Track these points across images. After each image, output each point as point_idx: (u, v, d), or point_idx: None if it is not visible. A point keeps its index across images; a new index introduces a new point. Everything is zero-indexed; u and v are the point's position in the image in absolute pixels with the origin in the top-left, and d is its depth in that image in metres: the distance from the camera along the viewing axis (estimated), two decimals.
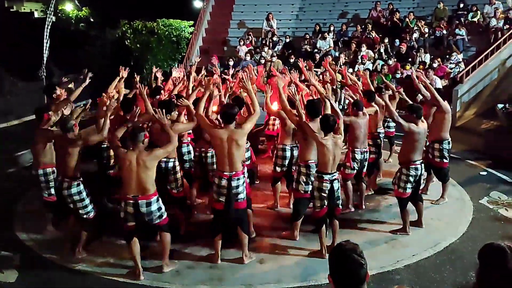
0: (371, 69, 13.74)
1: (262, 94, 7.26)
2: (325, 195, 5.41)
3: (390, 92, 8.32)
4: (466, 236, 6.04)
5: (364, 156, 6.75)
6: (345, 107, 10.20)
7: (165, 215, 5.13)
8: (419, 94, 7.09)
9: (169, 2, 22.78)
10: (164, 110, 5.38)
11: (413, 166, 6.02)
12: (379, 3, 16.31)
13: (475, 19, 14.58)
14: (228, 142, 5.11)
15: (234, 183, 5.17)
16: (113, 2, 21.50)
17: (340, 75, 13.48)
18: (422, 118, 6.12)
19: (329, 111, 5.77)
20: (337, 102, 13.30)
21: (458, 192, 7.52)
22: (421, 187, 6.56)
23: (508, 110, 11.26)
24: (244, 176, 5.34)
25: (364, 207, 6.95)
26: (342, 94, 13.24)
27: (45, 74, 14.02)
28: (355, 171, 6.76)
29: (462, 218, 6.56)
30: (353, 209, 6.85)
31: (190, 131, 6.71)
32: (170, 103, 6.05)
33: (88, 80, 7.55)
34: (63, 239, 5.84)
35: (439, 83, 12.10)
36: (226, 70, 9.87)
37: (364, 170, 6.93)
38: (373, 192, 7.56)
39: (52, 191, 5.97)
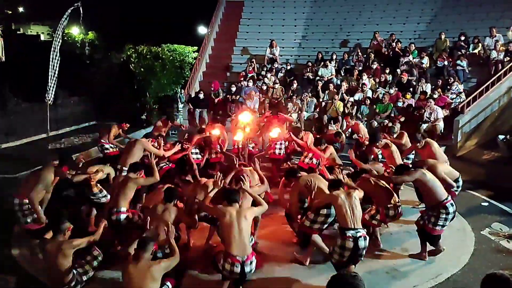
0: (371, 97, 13.85)
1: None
2: (347, 253, 5.21)
3: (383, 143, 8.37)
4: (468, 268, 5.98)
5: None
6: None
7: None
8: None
9: (174, 27, 23.21)
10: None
11: (447, 204, 6.03)
12: (378, 32, 16.54)
13: (476, 51, 14.77)
14: (237, 216, 5.03)
15: (247, 268, 4.92)
16: (118, 26, 21.88)
17: (341, 104, 13.66)
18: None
19: None
20: (339, 129, 13.43)
21: (460, 222, 7.45)
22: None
23: (510, 141, 11.28)
24: (254, 256, 5.09)
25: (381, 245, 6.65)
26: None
27: (52, 97, 14.07)
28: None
29: (463, 249, 6.52)
30: None
31: None
32: (174, 191, 5.96)
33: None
34: None
35: (440, 113, 12.17)
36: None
37: None
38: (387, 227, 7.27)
39: (29, 219, 6.18)
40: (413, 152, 9.05)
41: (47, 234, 5.36)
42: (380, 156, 8.89)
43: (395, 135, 9.40)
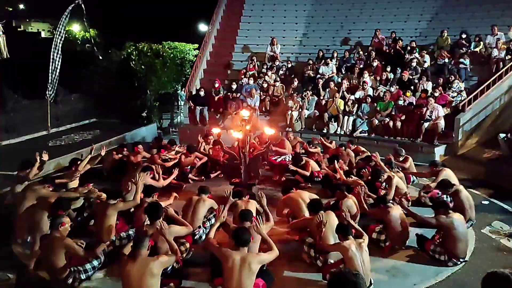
0: (372, 95, 13.83)
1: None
2: None
3: (385, 177, 8.14)
4: (468, 266, 5.96)
5: None
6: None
7: None
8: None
9: (175, 25, 23.18)
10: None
11: (455, 260, 5.91)
12: (379, 30, 16.51)
13: (477, 49, 14.73)
14: (241, 264, 4.62)
15: None
16: (119, 24, 21.86)
17: (342, 102, 13.64)
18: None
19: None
20: (339, 127, 13.44)
21: None
22: None
23: (510, 140, 11.25)
24: None
25: None
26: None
27: (53, 94, 14.08)
28: None
29: None
30: None
31: None
32: (158, 207, 5.80)
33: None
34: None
35: (441, 111, 12.15)
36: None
37: None
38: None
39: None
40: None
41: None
42: None
43: (401, 158, 9.52)
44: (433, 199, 6.51)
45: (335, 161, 8.73)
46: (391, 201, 6.65)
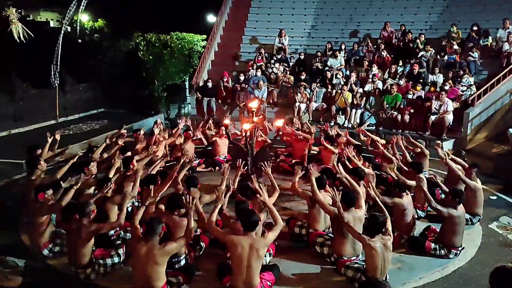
0: (381, 88, 13.75)
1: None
2: None
3: (419, 149, 8.51)
4: (475, 261, 5.95)
5: None
6: None
7: None
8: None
9: (183, 15, 23.11)
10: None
11: (454, 251, 5.94)
12: (388, 23, 16.38)
13: (488, 43, 14.56)
14: (249, 251, 4.57)
15: None
16: (127, 14, 21.82)
17: (350, 95, 13.60)
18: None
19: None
20: (347, 120, 13.40)
21: (468, 216, 7.41)
22: None
23: None
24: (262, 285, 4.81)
25: None
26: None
27: (58, 82, 14.21)
28: None
29: (470, 242, 6.45)
30: None
31: None
32: (178, 198, 5.66)
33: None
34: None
35: (451, 106, 12.06)
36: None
37: None
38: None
39: None
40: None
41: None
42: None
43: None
44: (453, 188, 6.39)
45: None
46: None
